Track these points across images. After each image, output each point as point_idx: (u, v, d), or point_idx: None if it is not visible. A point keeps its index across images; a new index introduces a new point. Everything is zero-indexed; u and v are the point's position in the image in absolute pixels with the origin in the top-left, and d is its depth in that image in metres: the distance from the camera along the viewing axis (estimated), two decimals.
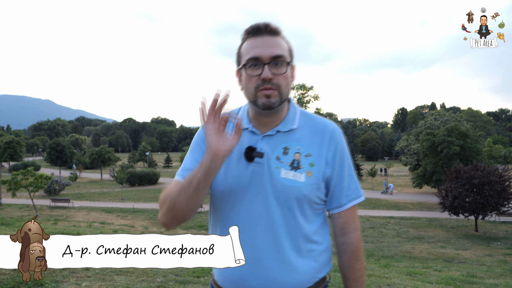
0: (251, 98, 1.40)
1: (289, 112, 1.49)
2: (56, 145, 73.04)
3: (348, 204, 1.50)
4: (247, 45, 1.41)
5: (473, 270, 10.38)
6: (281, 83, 1.37)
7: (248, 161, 1.41)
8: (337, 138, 1.47)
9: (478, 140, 39.34)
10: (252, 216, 1.38)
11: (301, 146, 1.43)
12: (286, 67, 1.39)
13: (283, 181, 1.38)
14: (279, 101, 1.38)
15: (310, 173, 1.41)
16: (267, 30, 1.40)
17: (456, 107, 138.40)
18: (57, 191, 39.57)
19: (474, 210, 21.99)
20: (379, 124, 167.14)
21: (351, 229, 1.51)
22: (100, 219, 24.98)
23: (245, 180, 1.40)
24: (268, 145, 1.43)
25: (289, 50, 1.44)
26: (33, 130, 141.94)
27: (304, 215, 1.41)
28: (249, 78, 1.39)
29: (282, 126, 1.45)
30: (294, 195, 1.38)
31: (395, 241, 19.58)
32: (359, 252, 1.50)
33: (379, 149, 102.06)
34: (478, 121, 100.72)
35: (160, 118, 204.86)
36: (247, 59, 1.38)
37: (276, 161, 1.40)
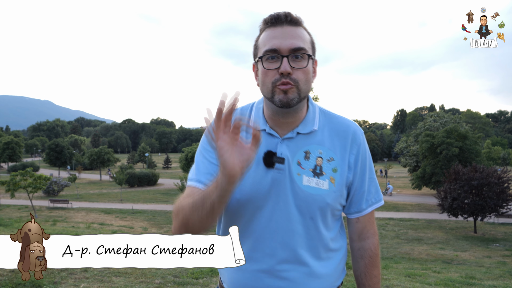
0: (268, 94, 1.27)
1: (308, 111, 1.37)
2: (55, 146, 73.03)
3: (368, 209, 1.42)
4: (265, 35, 1.29)
5: (472, 272, 10.39)
6: (300, 79, 1.25)
7: (267, 167, 1.30)
8: (360, 140, 1.39)
9: (477, 142, 39.38)
10: (272, 226, 1.29)
11: (322, 150, 1.33)
12: (307, 61, 1.27)
13: (306, 189, 1.29)
14: (297, 98, 1.25)
15: (333, 179, 1.32)
16: (287, 19, 1.28)
17: (456, 108, 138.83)
18: (56, 192, 39.55)
19: (473, 212, 22.00)
20: (379, 125, 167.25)
21: (369, 234, 1.44)
22: (99, 220, 24.97)
23: (265, 188, 1.29)
24: (288, 149, 1.32)
25: (311, 43, 1.32)
26: (32, 131, 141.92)
27: (325, 224, 1.34)
28: (266, 72, 1.26)
29: (302, 127, 1.34)
30: (317, 205, 1.30)
31: (394, 243, 19.59)
32: (376, 258, 1.43)
33: (379, 150, 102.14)
34: (477, 122, 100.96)
35: (160, 119, 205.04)
36: (265, 50, 1.26)
37: (298, 167, 1.30)
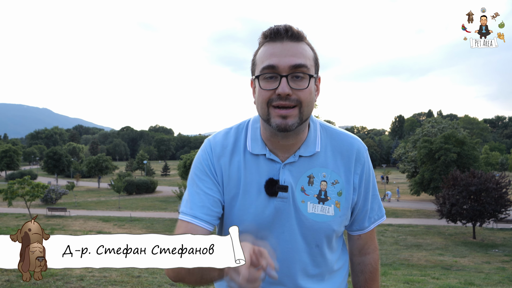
0: (264, 116, 1.18)
1: (310, 130, 1.28)
2: (53, 154, 72.97)
3: (370, 226, 1.39)
4: (264, 51, 1.19)
5: (471, 278, 10.37)
6: (302, 100, 1.15)
7: (270, 196, 1.23)
8: (364, 158, 1.33)
9: (475, 147, 39.49)
10: (277, 257, 1.23)
11: (326, 173, 1.26)
12: (309, 81, 1.16)
13: (311, 217, 1.24)
14: (298, 122, 1.16)
15: (339, 203, 1.27)
16: (288, 34, 1.17)
17: (453, 114, 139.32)
18: (54, 200, 39.37)
19: (472, 217, 22.00)
20: (377, 131, 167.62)
21: (370, 250, 1.42)
22: (97, 228, 24.88)
23: (268, 218, 1.24)
24: (291, 175, 1.24)
25: (314, 60, 1.22)
26: (31, 139, 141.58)
27: (330, 248, 1.31)
28: (262, 92, 1.17)
29: (304, 149, 1.25)
30: (323, 232, 1.25)
31: (393, 249, 19.55)
32: (376, 273, 1.42)
33: (377, 156, 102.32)
34: (475, 128, 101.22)
35: (158, 126, 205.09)
36: (262, 68, 1.16)
37: (302, 194, 1.24)
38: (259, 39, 1.24)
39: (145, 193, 49.25)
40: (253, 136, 1.28)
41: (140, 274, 6.03)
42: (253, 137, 1.28)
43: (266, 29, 1.22)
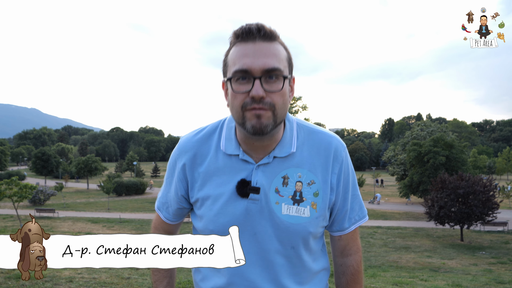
0: (239, 120, 1.15)
1: (285, 130, 1.25)
2: (41, 154, 72.11)
3: (351, 227, 1.35)
4: (235, 52, 1.14)
5: (459, 280, 10.49)
6: (276, 102, 1.12)
7: (241, 197, 1.21)
8: (342, 157, 1.28)
9: (463, 151, 39.89)
10: (251, 259, 1.21)
11: (302, 173, 1.23)
12: (283, 82, 1.13)
13: (286, 219, 1.21)
14: (272, 124, 1.13)
15: (315, 204, 1.23)
16: (260, 34, 1.12)
17: (442, 118, 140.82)
18: (42, 201, 38.92)
19: (460, 220, 22.20)
20: (367, 134, 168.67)
21: (352, 251, 1.38)
22: (86, 230, 24.66)
23: (239, 220, 1.21)
24: (264, 176, 1.22)
25: (288, 60, 1.18)
26: (19, 139, 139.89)
27: (308, 250, 1.27)
28: (235, 95, 1.13)
29: (279, 150, 1.23)
30: (298, 234, 1.22)
31: (382, 251, 19.68)
32: (358, 275, 1.37)
33: (367, 159, 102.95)
34: (464, 131, 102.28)
35: (148, 127, 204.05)
36: (234, 71, 1.12)
37: (276, 195, 1.21)
38: (230, 38, 1.18)
39: (135, 194, 48.91)
40: (228, 135, 1.26)
41: (130, 275, 6.02)
42: (227, 136, 1.26)
43: (237, 28, 1.15)
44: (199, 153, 1.27)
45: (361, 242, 6.46)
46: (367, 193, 50.28)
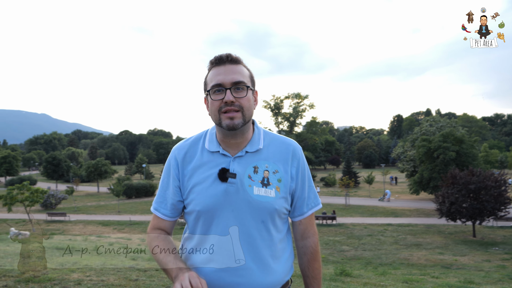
0: (216, 121, 1.53)
1: (254, 133, 1.63)
2: (52, 159, 72.81)
3: (308, 212, 1.69)
4: (212, 73, 1.55)
5: (471, 276, 10.37)
6: (244, 105, 1.51)
7: (222, 181, 1.53)
8: (299, 155, 1.66)
9: (473, 145, 39.47)
10: (229, 231, 1.52)
11: (268, 164, 1.58)
12: (246, 91, 1.52)
13: (257, 198, 1.53)
14: (242, 122, 1.51)
15: (279, 188, 1.57)
16: (228, 59, 1.54)
17: (452, 113, 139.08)
18: (53, 205, 39.31)
19: (471, 216, 21.97)
20: (375, 131, 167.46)
21: (310, 234, 1.71)
22: (97, 232, 24.83)
23: (220, 199, 1.52)
24: (239, 166, 1.56)
25: (250, 77, 1.58)
26: (30, 145, 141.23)
27: (275, 226, 1.58)
28: (213, 102, 1.52)
29: (250, 147, 1.59)
30: (266, 210, 1.54)
31: (393, 249, 19.54)
32: (317, 254, 1.70)
33: (376, 156, 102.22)
34: (474, 126, 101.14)
35: (157, 129, 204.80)
36: (211, 85, 1.51)
37: (249, 180, 1.55)
38: (207, 65, 1.59)
39: (144, 196, 49.13)
40: (211, 138, 1.63)
41: (138, 277, 6.02)
42: (210, 139, 1.63)
43: (212, 57, 1.56)
44: (189, 152, 1.63)
45: (371, 240, 6.47)
46: (377, 191, 49.96)
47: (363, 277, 7.83)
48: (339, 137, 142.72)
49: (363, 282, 6.99)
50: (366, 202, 40.01)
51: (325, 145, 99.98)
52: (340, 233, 24.16)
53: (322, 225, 27.11)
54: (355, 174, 60.36)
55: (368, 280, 7.28)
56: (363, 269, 11.73)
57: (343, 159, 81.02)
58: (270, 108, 68.72)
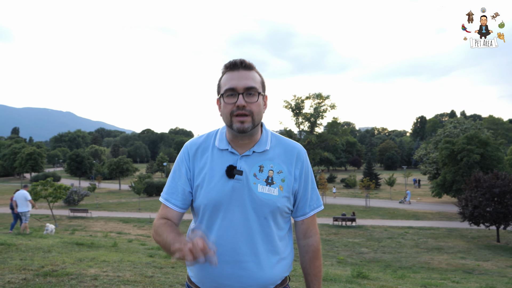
0: (228, 123, 1.62)
1: (262, 135, 1.72)
2: (75, 156, 74.35)
3: (310, 212, 1.76)
4: (225, 78, 1.62)
5: (493, 282, 10.09)
6: (254, 110, 1.59)
7: (229, 178, 1.61)
8: (303, 158, 1.73)
9: (499, 148, 38.50)
10: (234, 225, 1.59)
11: (273, 164, 1.67)
12: (258, 97, 1.61)
13: (260, 195, 1.61)
14: (251, 126, 1.59)
15: (282, 187, 1.64)
16: (242, 65, 1.62)
17: (477, 114, 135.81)
18: (76, 201, 40.15)
19: (496, 220, 21.45)
20: (398, 132, 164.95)
21: (312, 233, 1.78)
22: (117, 229, 25.22)
23: (227, 194, 1.60)
24: (246, 164, 1.64)
25: (261, 83, 1.66)
26: (54, 142, 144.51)
27: (276, 224, 1.65)
28: (226, 105, 1.60)
29: (257, 147, 1.67)
30: (269, 207, 1.61)
31: (413, 252, 19.21)
32: (318, 252, 1.77)
33: (398, 158, 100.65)
34: (500, 128, 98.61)
35: (178, 128, 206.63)
36: (225, 89, 1.59)
37: (254, 178, 1.62)
38: (222, 69, 1.67)
39: None
40: (221, 137, 1.71)
41: (153, 274, 6.07)
42: (220, 138, 1.71)
43: (227, 62, 1.65)
44: (200, 148, 1.72)
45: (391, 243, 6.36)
46: (398, 193, 49.23)
47: (381, 280, 7.69)
48: (360, 138, 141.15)
49: (380, 285, 6.88)
50: (387, 204, 39.46)
51: (346, 146, 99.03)
52: (359, 235, 23.89)
53: (341, 227, 26.87)
54: (376, 175, 59.62)
55: (385, 283, 7.15)
56: (381, 272, 11.55)
57: (364, 160, 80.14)
58: (291, 108, 68.42)
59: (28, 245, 8.86)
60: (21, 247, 8.35)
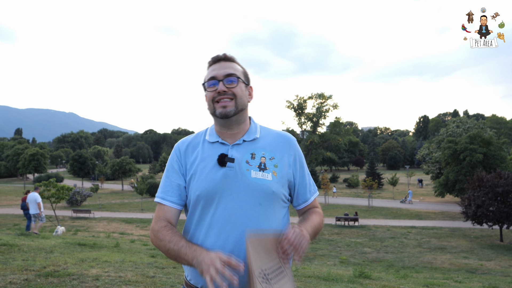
0: (211, 110, 1.66)
1: (251, 125, 1.75)
2: (78, 157, 74.48)
3: (311, 197, 1.78)
4: (208, 70, 1.69)
5: (496, 282, 10.05)
6: (236, 93, 1.62)
7: (221, 166, 1.61)
8: (295, 145, 1.75)
9: (502, 148, 38.38)
10: (227, 213, 1.56)
11: (265, 151, 1.67)
12: (238, 81, 1.64)
13: (254, 180, 1.59)
14: (234, 109, 1.62)
15: (275, 172, 1.63)
16: (223, 58, 1.69)
17: (480, 114, 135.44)
18: (79, 202, 40.22)
19: (499, 219, 21.38)
20: (401, 132, 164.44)
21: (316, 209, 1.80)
22: (120, 230, 25.24)
23: (220, 182, 1.59)
24: (237, 152, 1.64)
25: (243, 73, 1.71)
26: (57, 143, 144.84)
27: (273, 210, 1.61)
28: (208, 93, 1.66)
29: (247, 136, 1.69)
30: (264, 192, 1.58)
31: (416, 252, 19.16)
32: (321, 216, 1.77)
33: (401, 157, 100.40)
34: (503, 128, 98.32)
35: (181, 129, 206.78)
36: (207, 78, 1.65)
37: (246, 164, 1.62)
38: (207, 65, 1.72)
39: None
40: (211, 132, 1.74)
41: (155, 274, 6.07)
42: (210, 132, 1.74)
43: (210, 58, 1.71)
44: (191, 144, 1.74)
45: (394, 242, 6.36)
46: (401, 193, 49.12)
47: (383, 280, 7.67)
48: (363, 138, 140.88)
49: (382, 284, 6.86)
50: (390, 204, 39.38)
51: (348, 146, 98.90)
52: (362, 235, 23.84)
53: (344, 227, 26.83)
54: (379, 175, 59.51)
55: (388, 283, 7.13)
56: (384, 271, 11.52)
57: (367, 160, 79.89)
58: (293, 108, 68.47)
59: (30, 245, 8.88)
60: (23, 248, 8.37)
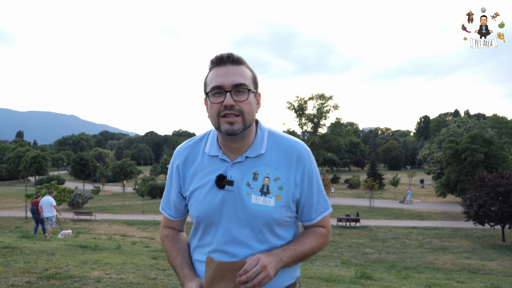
0: (215, 125, 1.46)
1: (256, 136, 1.54)
2: (79, 159, 74.59)
3: (317, 218, 1.58)
4: (212, 74, 1.47)
5: (499, 282, 10.03)
6: (244, 109, 1.42)
7: (219, 189, 1.48)
8: (305, 159, 1.53)
9: (503, 147, 38.36)
10: (227, 239, 1.46)
11: (269, 170, 1.49)
12: (248, 94, 1.44)
13: (254, 207, 1.46)
14: (242, 127, 1.43)
15: (279, 196, 1.47)
16: (229, 59, 1.45)
17: (481, 113, 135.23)
18: (80, 204, 40.25)
19: (501, 219, 21.35)
20: (402, 132, 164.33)
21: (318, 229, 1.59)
22: (121, 232, 25.26)
23: (218, 207, 1.48)
24: (238, 172, 1.49)
25: (252, 79, 1.50)
26: (59, 145, 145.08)
27: (274, 235, 1.50)
28: (212, 105, 1.44)
29: (251, 151, 1.50)
30: (264, 220, 1.46)
31: (418, 252, 19.14)
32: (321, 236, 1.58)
33: (402, 158, 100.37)
34: (504, 127, 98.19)
35: (182, 131, 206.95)
36: (211, 87, 1.43)
37: (247, 187, 1.47)
38: (208, 65, 1.51)
39: None
40: (212, 141, 1.57)
41: (156, 276, 6.06)
42: (211, 142, 1.57)
43: (213, 57, 1.48)
44: (190, 155, 1.60)
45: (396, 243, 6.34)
46: (402, 193, 49.07)
47: (385, 280, 7.66)
48: (364, 138, 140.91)
49: (384, 285, 6.85)
50: (391, 205, 39.35)
51: (349, 146, 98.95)
52: (363, 236, 23.83)
53: (345, 227, 26.82)
54: (380, 176, 59.49)
55: (389, 284, 7.12)
56: (386, 272, 11.50)
57: (368, 160, 79.90)
58: (293, 109, 68.44)
59: (32, 248, 8.88)
60: (25, 250, 8.37)
